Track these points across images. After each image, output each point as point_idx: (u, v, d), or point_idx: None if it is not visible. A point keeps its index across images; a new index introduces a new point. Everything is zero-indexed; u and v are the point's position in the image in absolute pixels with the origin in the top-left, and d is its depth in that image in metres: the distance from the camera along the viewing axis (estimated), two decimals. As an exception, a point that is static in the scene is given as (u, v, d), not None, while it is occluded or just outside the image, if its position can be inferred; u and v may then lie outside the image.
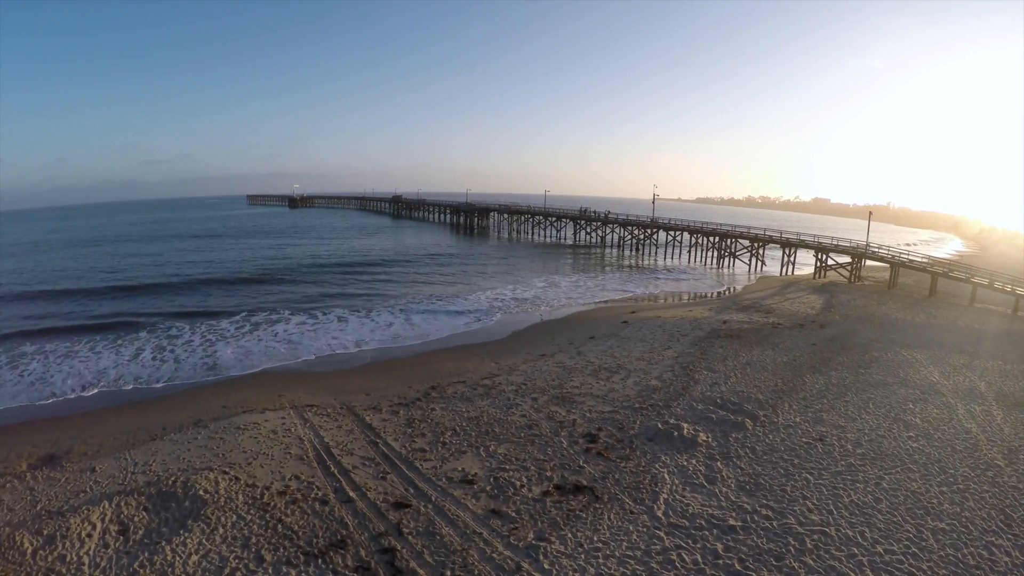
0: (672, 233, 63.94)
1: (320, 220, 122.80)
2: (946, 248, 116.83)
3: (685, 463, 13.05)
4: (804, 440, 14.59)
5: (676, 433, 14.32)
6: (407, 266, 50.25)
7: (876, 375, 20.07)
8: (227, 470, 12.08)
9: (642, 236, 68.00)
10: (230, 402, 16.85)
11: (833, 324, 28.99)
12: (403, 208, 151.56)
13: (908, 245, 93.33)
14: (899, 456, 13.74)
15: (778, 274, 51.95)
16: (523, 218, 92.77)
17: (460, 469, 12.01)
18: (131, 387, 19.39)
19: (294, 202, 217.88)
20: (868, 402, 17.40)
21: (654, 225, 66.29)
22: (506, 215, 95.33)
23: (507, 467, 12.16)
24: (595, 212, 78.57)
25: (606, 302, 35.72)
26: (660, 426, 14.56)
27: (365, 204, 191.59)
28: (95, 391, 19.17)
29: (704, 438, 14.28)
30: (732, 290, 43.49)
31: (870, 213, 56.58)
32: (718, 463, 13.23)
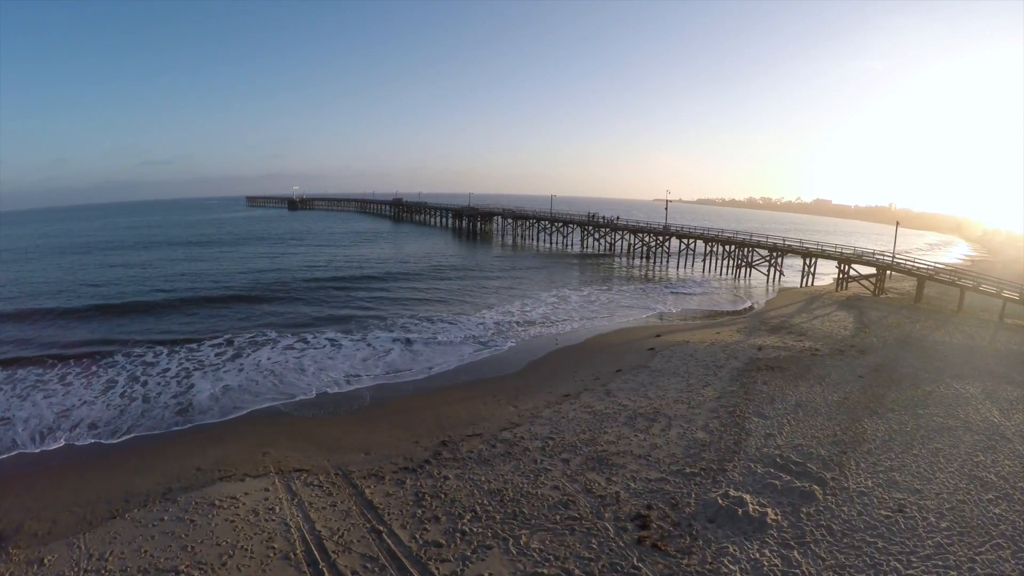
0: (685, 241, 61.59)
1: (318, 224, 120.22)
2: (954, 252, 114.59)
3: (757, 555, 10.74)
4: (883, 513, 12.40)
5: (740, 510, 11.99)
6: (406, 280, 47.36)
7: (936, 417, 17.99)
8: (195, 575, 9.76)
9: (653, 244, 65.70)
10: (206, 462, 14.44)
11: (873, 349, 26.83)
12: (403, 211, 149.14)
13: (918, 250, 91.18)
14: (985, 527, 11.83)
15: (798, 285, 49.73)
16: (528, 223, 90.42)
17: (487, 576, 9.67)
18: (93, 441, 16.89)
19: (293, 204, 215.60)
20: (937, 454, 15.32)
21: (667, 232, 63.90)
22: (510, 220, 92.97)
23: (545, 571, 9.81)
24: (604, 218, 76.20)
25: (625, 323, 33.34)
26: (720, 501, 12.22)
27: (365, 207, 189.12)
28: (57, 445, 16.77)
29: (773, 516, 11.97)
30: (756, 306, 41.17)
31: (897, 223, 54.32)
32: (795, 552, 10.95)
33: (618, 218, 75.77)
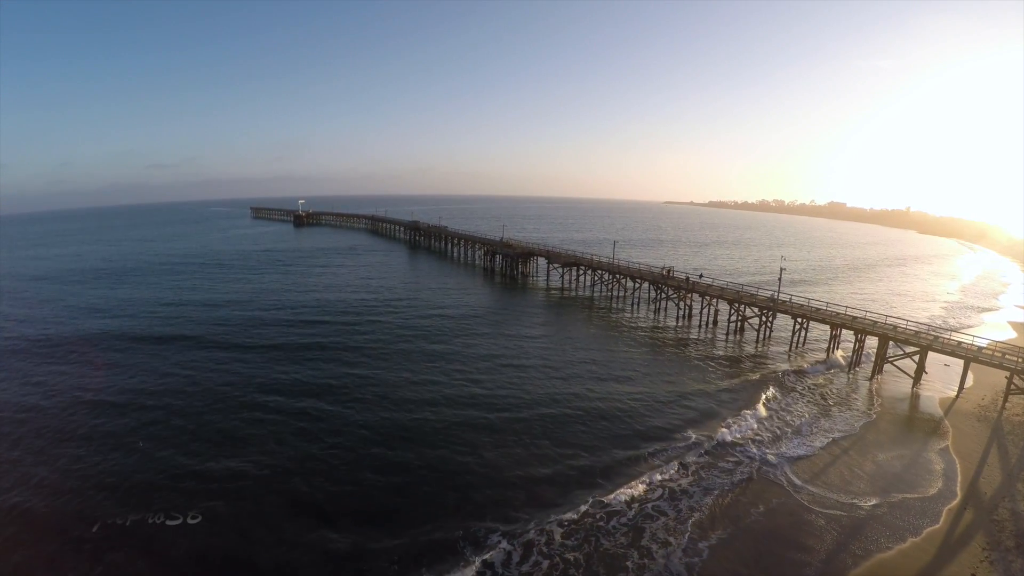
0: (800, 320, 50.16)
1: (322, 271, 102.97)
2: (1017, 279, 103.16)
3: None
4: None
5: None
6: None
7: None
8: None
9: (755, 319, 54.38)
10: None
11: None
12: (420, 236, 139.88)
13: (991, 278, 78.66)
14: None
15: (953, 393, 40.55)
16: (579, 270, 79.83)
17: None
18: None
19: (299, 219, 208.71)
20: None
21: (775, 308, 52.38)
22: (557, 267, 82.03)
23: None
24: (686, 277, 64.43)
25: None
26: None
27: (377, 226, 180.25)
28: None
29: None
30: (943, 459, 30.44)
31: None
32: None
33: (701, 276, 64.45)
